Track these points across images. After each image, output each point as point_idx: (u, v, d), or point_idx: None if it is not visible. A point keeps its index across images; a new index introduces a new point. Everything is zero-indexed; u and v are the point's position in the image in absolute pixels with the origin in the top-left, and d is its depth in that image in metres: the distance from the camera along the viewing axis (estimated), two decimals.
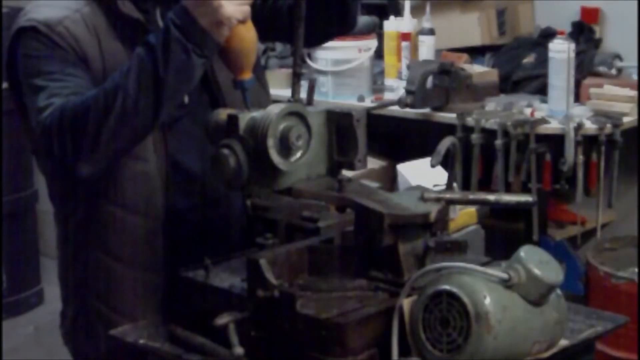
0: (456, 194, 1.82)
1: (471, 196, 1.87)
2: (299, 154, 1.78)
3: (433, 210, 1.74)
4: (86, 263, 2.07)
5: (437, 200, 1.77)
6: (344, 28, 2.17)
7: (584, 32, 3.97)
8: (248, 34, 1.89)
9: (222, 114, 1.84)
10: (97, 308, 2.07)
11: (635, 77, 3.85)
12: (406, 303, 1.66)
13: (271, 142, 1.74)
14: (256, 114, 1.78)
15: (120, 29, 2.02)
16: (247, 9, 1.86)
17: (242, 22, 1.87)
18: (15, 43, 2.00)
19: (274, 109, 1.75)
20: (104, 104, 1.85)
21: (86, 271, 2.08)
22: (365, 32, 4.02)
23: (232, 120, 1.78)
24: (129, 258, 2.04)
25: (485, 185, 3.77)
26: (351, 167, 1.83)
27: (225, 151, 1.76)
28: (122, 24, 2.02)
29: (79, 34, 1.99)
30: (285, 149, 1.76)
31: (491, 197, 1.81)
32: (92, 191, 2.02)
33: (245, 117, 1.78)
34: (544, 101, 3.71)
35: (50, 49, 1.96)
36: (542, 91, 3.76)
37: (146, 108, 1.86)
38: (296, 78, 1.85)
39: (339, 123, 1.82)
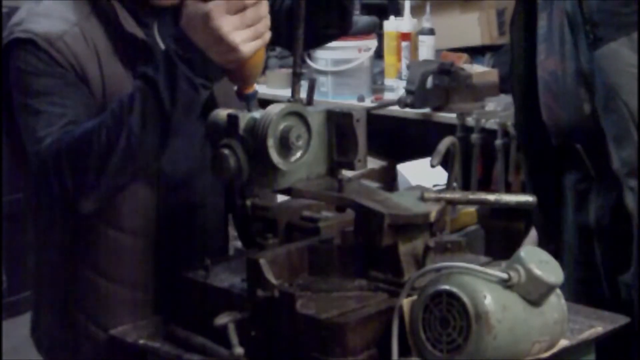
0: (456, 194, 1.82)
1: (471, 196, 1.87)
2: (298, 154, 1.78)
3: (433, 210, 1.74)
4: (68, 274, 2.00)
5: (437, 200, 1.77)
6: (342, 30, 2.16)
7: None
8: (258, 57, 1.82)
9: (222, 113, 1.83)
10: (78, 319, 2.01)
11: None
12: (406, 303, 1.66)
13: (271, 142, 1.73)
14: (256, 113, 1.78)
15: (121, 46, 1.94)
16: (259, 44, 1.78)
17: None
18: (8, 53, 1.91)
19: (273, 109, 1.75)
20: (106, 142, 1.78)
21: (67, 284, 2.01)
22: (365, 32, 4.03)
23: (232, 120, 1.78)
24: (115, 270, 1.99)
25: (485, 185, 3.77)
26: (351, 167, 1.82)
27: (226, 151, 1.76)
28: (124, 41, 1.94)
29: (79, 51, 1.90)
30: (285, 149, 1.75)
31: (491, 197, 1.81)
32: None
33: (245, 117, 1.78)
34: None
35: (49, 67, 1.88)
36: None
37: (151, 143, 1.80)
38: (296, 78, 1.84)
39: (339, 123, 1.82)
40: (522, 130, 2.61)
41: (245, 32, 1.76)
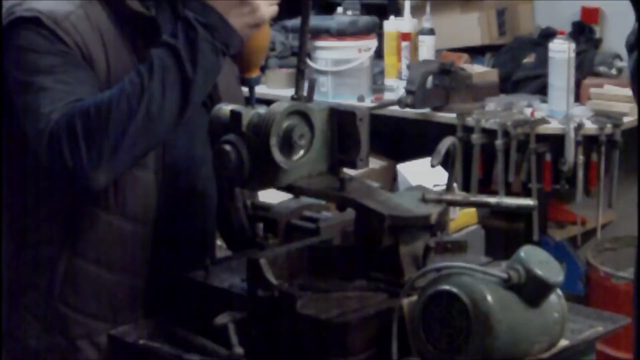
0: (457, 196, 1.82)
1: (472, 198, 1.87)
2: (301, 153, 1.77)
3: (434, 212, 1.73)
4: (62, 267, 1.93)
5: (438, 202, 1.77)
6: None
7: (584, 32, 3.98)
8: (265, 34, 1.88)
9: (224, 109, 1.83)
10: (73, 319, 1.94)
11: None
12: (406, 303, 1.66)
13: (274, 141, 1.73)
14: (260, 110, 1.78)
15: (125, 29, 1.93)
16: (276, 9, 1.85)
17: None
18: (9, 33, 1.85)
19: (277, 108, 1.75)
20: (127, 108, 1.78)
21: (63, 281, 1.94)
22: (365, 32, 4.03)
23: (235, 116, 1.78)
24: (110, 261, 1.95)
25: (486, 185, 3.77)
26: (353, 166, 1.82)
27: (227, 147, 1.75)
28: (128, 23, 1.92)
29: (84, 32, 1.88)
30: (288, 147, 1.75)
31: (492, 200, 1.81)
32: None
33: (248, 114, 1.77)
34: (544, 101, 3.72)
35: (53, 45, 1.85)
36: (542, 91, 3.77)
37: (171, 110, 1.80)
38: (300, 75, 1.84)
39: (342, 121, 1.81)
40: None
41: None
